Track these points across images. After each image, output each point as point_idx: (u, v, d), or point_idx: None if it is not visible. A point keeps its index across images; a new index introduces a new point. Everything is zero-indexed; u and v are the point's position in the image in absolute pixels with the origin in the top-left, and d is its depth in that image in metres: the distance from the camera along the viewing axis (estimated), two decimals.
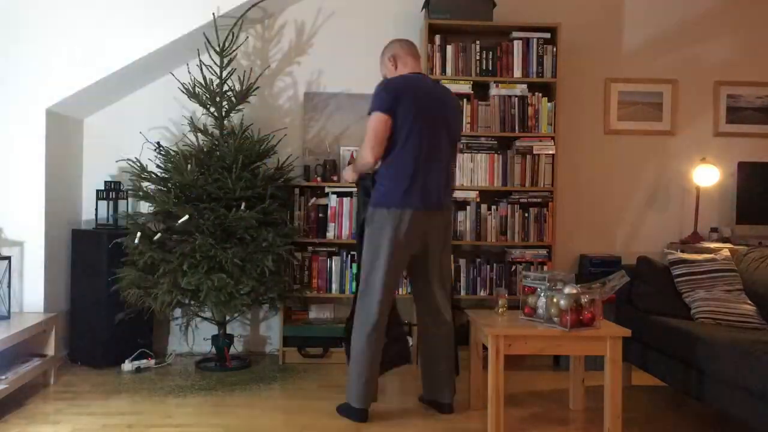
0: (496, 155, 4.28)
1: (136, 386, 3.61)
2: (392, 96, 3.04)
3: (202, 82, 4.00)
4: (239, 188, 3.79)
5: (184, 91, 4.00)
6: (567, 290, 2.93)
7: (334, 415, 3.20)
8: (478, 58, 4.26)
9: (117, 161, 4.23)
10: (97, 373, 3.84)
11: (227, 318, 4.08)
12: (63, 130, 4.07)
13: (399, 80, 3.13)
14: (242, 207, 3.77)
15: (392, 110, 3.03)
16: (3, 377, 3.15)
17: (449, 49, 4.25)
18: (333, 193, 4.24)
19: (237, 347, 4.37)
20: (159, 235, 3.66)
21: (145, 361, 3.98)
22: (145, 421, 3.08)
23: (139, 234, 3.67)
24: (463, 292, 4.26)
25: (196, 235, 3.66)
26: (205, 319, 4.11)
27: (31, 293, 3.80)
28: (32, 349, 3.62)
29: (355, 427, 3.05)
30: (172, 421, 3.10)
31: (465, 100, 4.25)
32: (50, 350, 3.65)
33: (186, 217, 3.61)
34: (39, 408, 3.24)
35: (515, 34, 4.26)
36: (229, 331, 4.18)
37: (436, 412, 3.26)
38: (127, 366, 3.91)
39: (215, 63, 4.13)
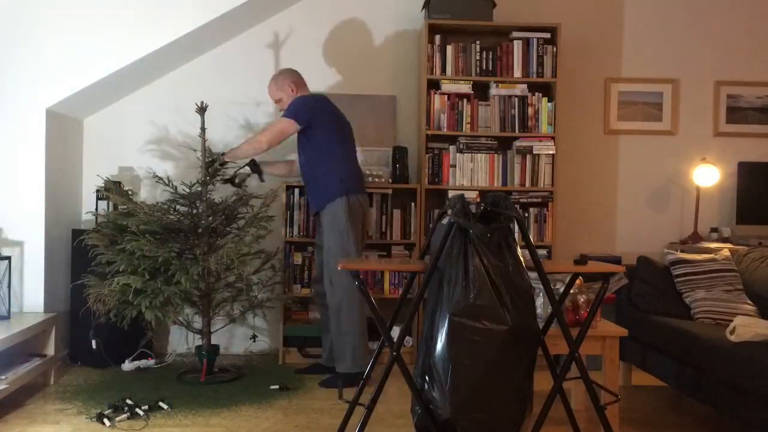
0: (496, 155, 4.28)
1: (136, 386, 3.61)
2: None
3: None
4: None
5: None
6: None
7: (334, 414, 3.20)
8: (478, 58, 4.26)
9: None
10: (97, 373, 3.84)
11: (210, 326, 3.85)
12: (63, 130, 4.07)
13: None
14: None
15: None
16: (3, 377, 3.15)
17: (449, 49, 4.25)
18: None
19: (236, 347, 4.38)
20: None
21: (145, 360, 3.98)
22: (145, 421, 3.08)
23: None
24: None
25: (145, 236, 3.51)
26: (181, 324, 3.90)
27: (31, 293, 3.80)
28: (32, 349, 3.61)
29: (354, 426, 3.04)
30: (172, 420, 3.10)
31: (465, 100, 4.25)
32: (50, 350, 3.65)
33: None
34: (39, 408, 3.24)
35: (515, 34, 4.26)
36: (229, 329, 4.18)
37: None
38: (127, 366, 3.91)
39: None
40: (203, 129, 3.81)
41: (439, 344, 2.31)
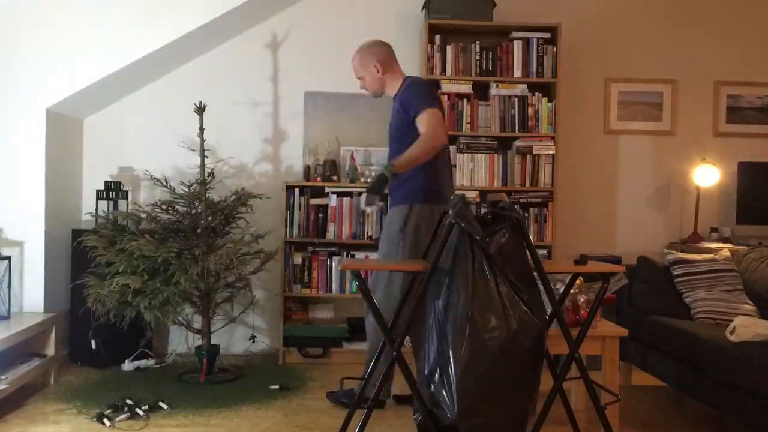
0: (496, 155, 4.28)
1: (136, 386, 3.61)
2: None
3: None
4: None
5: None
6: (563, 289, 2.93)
7: (334, 415, 3.20)
8: (478, 58, 4.26)
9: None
10: (97, 373, 3.84)
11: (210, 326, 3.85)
12: (63, 130, 4.07)
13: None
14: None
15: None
16: (3, 377, 3.15)
17: (449, 49, 4.25)
18: (333, 193, 4.23)
19: (236, 347, 4.38)
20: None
21: (145, 360, 3.98)
22: (145, 421, 3.08)
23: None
24: None
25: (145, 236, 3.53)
26: (181, 324, 3.89)
27: (31, 293, 3.80)
28: (32, 349, 3.61)
29: (354, 426, 3.04)
30: (172, 421, 3.10)
31: (465, 100, 4.25)
32: (50, 350, 3.65)
33: None
34: (39, 408, 3.24)
35: (515, 34, 4.26)
36: (229, 329, 4.18)
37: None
38: (127, 366, 3.91)
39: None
40: (202, 129, 3.81)
41: (446, 349, 2.30)
